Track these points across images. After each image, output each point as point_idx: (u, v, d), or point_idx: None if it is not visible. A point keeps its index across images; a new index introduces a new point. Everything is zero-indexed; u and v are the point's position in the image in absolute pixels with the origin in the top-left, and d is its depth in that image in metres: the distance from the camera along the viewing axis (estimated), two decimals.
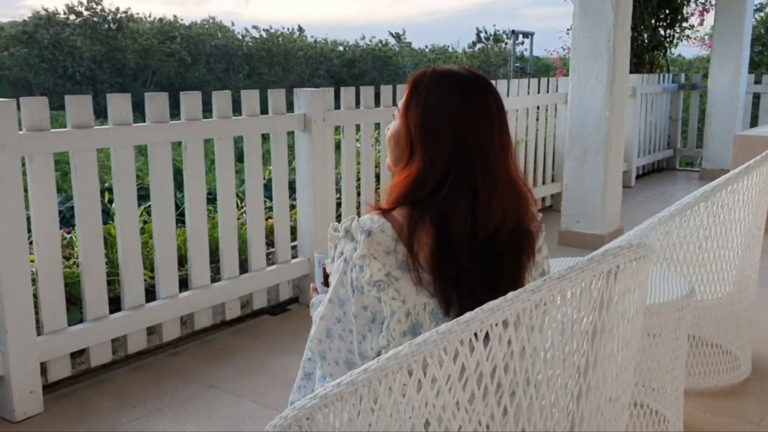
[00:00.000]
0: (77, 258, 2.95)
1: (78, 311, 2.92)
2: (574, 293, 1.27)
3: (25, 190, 2.61)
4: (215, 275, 3.42)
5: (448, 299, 1.41)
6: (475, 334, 1.16)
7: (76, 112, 2.73)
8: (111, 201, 3.10)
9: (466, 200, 1.41)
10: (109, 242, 3.13)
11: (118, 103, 2.88)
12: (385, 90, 4.23)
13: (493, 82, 4.97)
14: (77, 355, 2.89)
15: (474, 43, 43.53)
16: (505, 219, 1.46)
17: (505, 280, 1.46)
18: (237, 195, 3.52)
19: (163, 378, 2.94)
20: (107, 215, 3.43)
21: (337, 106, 3.87)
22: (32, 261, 2.69)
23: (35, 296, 2.69)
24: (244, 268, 3.53)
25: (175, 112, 3.18)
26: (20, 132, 2.55)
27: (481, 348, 1.19)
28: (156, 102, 3.01)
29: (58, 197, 2.76)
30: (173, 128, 3.07)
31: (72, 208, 3.22)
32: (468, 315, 1.19)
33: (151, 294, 3.13)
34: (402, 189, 1.45)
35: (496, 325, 1.20)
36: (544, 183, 5.86)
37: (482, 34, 43.04)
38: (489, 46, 42.57)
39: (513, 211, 1.48)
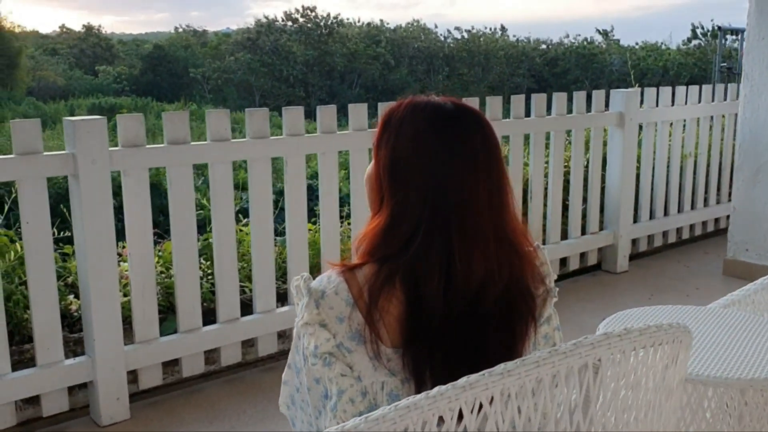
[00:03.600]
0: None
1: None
2: (529, 392, 1.00)
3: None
4: None
5: (421, 379, 1.19)
6: None
7: (173, 129, 2.79)
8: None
9: (438, 258, 1.18)
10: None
11: (217, 119, 2.91)
12: (538, 99, 3.96)
13: (625, 91, 4.32)
14: (172, 364, 2.96)
15: (689, 40, 40.40)
16: (492, 280, 1.20)
17: (494, 354, 1.21)
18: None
19: (249, 394, 2.94)
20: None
21: None
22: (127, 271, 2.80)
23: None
24: None
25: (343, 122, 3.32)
26: (115, 148, 2.65)
27: None
28: (256, 118, 3.00)
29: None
30: (273, 144, 3.04)
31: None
32: (379, 412, 0.97)
33: (250, 307, 3.15)
34: (370, 242, 1.24)
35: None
36: (718, 203, 5.16)
37: (698, 30, 39.75)
38: (706, 42, 39.20)
39: (503, 270, 1.22)
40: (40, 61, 42.98)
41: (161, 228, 3.40)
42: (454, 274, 1.18)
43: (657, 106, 4.52)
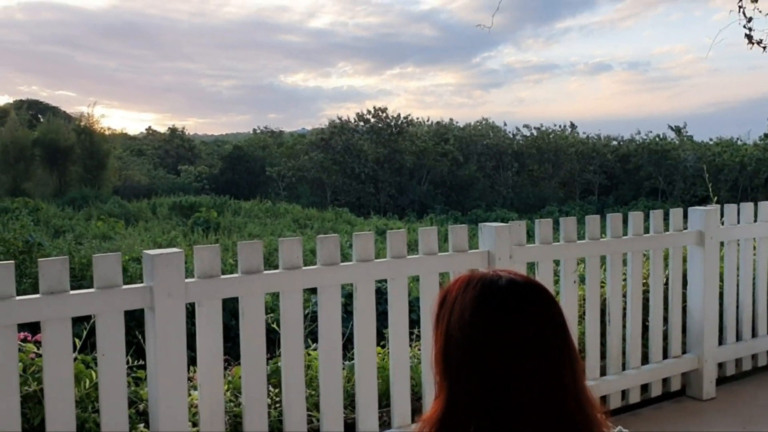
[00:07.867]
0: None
1: None
2: None
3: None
4: (388, 420, 3.27)
5: None
6: None
7: (247, 259, 2.84)
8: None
9: None
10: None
11: (289, 248, 2.95)
12: (614, 219, 3.88)
13: (704, 209, 4.16)
14: None
15: (766, 135, 39.49)
16: None
17: None
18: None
19: None
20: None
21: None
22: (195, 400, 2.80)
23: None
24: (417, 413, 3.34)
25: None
26: (191, 279, 2.70)
27: None
28: (326, 245, 3.03)
29: None
30: (343, 270, 3.06)
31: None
32: None
33: None
34: (431, 428, 1.21)
35: None
36: None
37: None
38: None
39: None
40: (127, 162, 45.42)
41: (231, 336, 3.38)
42: None
43: (738, 222, 4.36)
